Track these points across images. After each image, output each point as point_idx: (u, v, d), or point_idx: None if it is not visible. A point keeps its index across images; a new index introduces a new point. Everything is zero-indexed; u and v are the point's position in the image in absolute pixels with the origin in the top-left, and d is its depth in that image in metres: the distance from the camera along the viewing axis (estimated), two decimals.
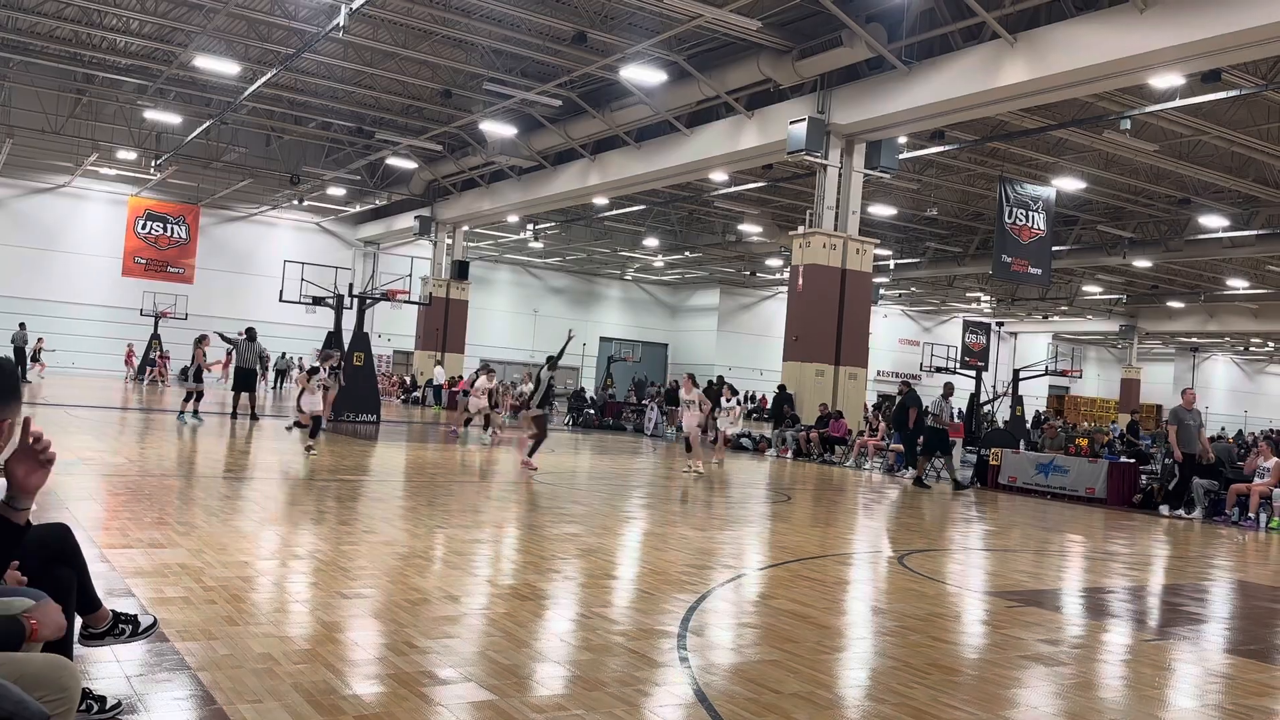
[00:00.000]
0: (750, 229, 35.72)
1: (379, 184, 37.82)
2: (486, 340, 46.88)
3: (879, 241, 24.07)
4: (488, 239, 44.14)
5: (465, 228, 38.62)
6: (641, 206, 34.80)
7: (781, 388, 26.95)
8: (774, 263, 42.30)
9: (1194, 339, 53.71)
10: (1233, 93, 18.07)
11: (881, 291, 42.71)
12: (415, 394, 35.98)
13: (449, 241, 38.08)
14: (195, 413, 18.52)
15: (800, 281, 21.36)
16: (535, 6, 19.64)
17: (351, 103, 28.42)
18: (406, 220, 38.85)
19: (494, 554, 7.90)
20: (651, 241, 40.35)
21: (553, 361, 14.90)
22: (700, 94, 22.42)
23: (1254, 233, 29.12)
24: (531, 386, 15.77)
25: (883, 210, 30.89)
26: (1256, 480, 14.27)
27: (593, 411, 29.76)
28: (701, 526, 9.96)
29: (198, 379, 19.16)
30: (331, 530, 8.12)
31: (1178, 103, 18.57)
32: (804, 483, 16.41)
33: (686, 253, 42.23)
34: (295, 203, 39.51)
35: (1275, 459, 14.80)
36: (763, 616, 6.24)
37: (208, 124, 29.52)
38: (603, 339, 51.33)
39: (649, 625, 5.73)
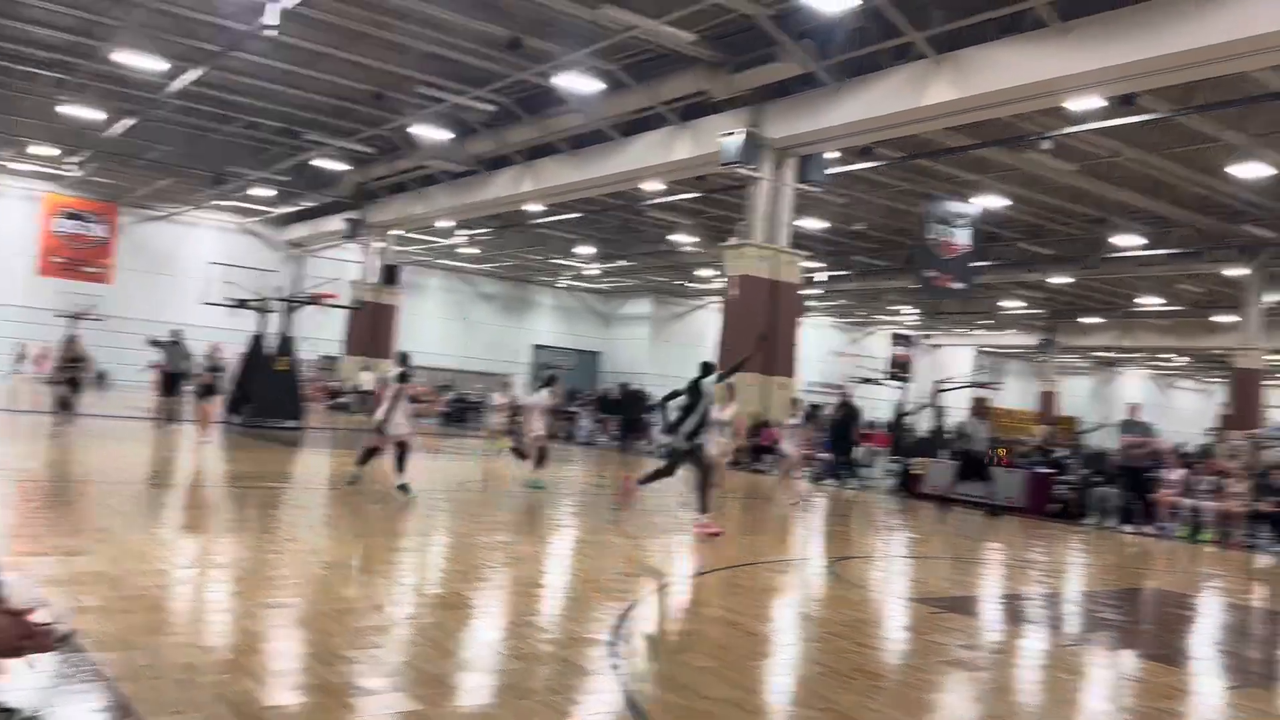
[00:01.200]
0: (684, 239, 35.93)
1: (307, 186, 37.13)
2: (416, 346, 46.13)
3: (809, 254, 24.43)
4: (419, 243, 43.64)
5: (395, 231, 38.15)
6: (576, 214, 34.75)
7: (641, 390, 27.71)
8: (706, 273, 42.60)
9: (1109, 354, 55.49)
10: (1147, 117, 18.74)
11: (810, 303, 43.36)
12: (342, 400, 35.40)
13: (379, 245, 37.58)
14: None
15: (732, 292, 21.56)
16: (470, 11, 19.53)
17: (280, 102, 27.89)
18: (335, 223, 38.20)
19: (421, 562, 7.83)
20: (585, 249, 40.33)
21: (716, 375, 10.95)
22: (636, 104, 22.52)
23: (1166, 252, 30.22)
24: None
25: (813, 223, 31.34)
26: (1164, 491, 14.81)
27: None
28: (633, 534, 9.99)
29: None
30: (254, 538, 7.96)
31: (1096, 125, 19.21)
32: (734, 491, 16.55)
33: (620, 261, 42.31)
34: (220, 203, 38.56)
35: (1182, 470, 15.40)
36: (693, 624, 6.29)
37: (130, 121, 28.70)
38: (535, 346, 51.14)
39: (579, 633, 5.73)
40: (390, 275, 37.14)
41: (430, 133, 26.93)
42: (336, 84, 25.46)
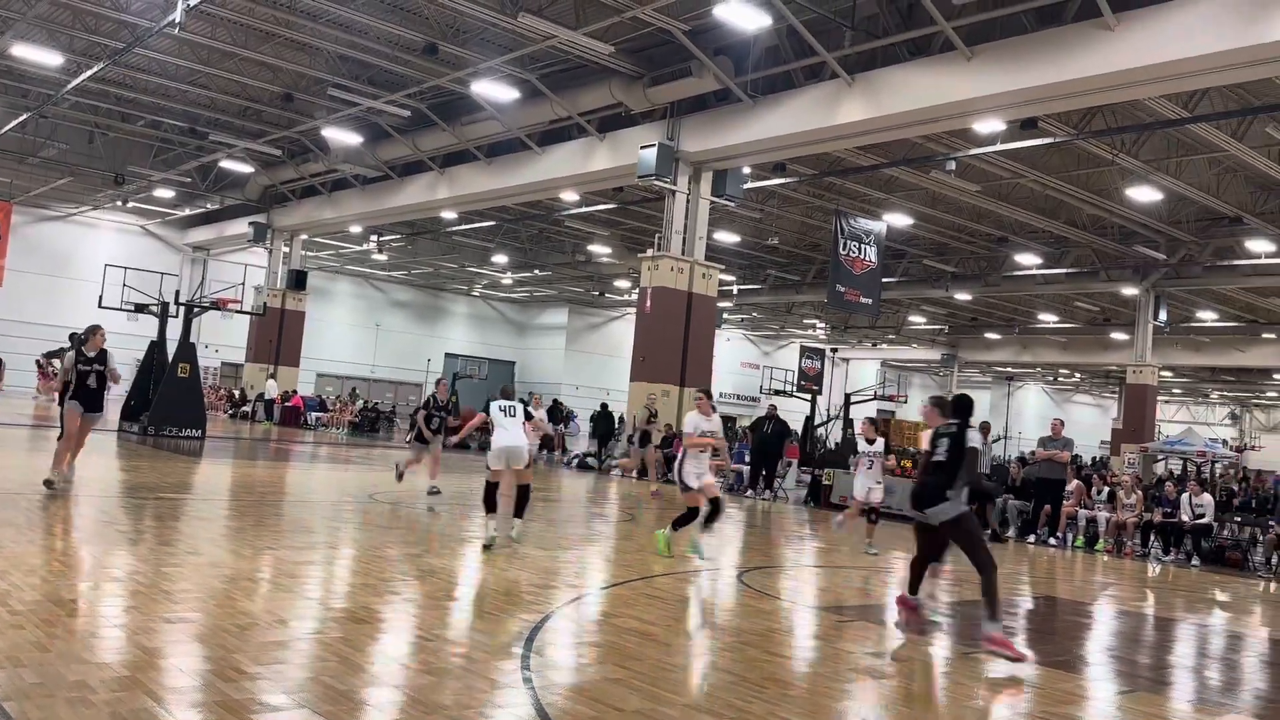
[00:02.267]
0: (600, 250, 35.99)
1: (211, 187, 36.11)
2: (324, 354, 45.33)
3: (724, 267, 24.71)
4: (328, 249, 42.77)
5: (304, 236, 37.32)
6: (491, 222, 34.53)
7: (603, 405, 27.54)
8: (623, 284, 42.72)
9: (1009, 369, 57.38)
10: (1047, 140, 19.49)
11: (725, 316, 43.87)
12: (244, 408, 34.43)
13: (286, 250, 36.69)
14: None
15: (648, 303, 21.66)
16: (385, 15, 19.27)
17: (185, 102, 27.08)
18: (240, 226, 37.18)
19: (328, 576, 7.65)
20: (500, 258, 40.05)
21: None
22: (553, 113, 22.50)
23: (1063, 271, 31.45)
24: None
25: (727, 237, 31.73)
26: (1064, 503, 15.36)
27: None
28: (546, 546, 9.93)
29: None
30: (151, 551, 7.67)
31: (998, 147, 19.90)
32: (648, 502, 16.59)
33: (536, 271, 42.12)
34: (119, 204, 37.20)
35: (1076, 482, 15.99)
36: (606, 635, 6.27)
37: (24, 116, 27.52)
38: (448, 355, 50.51)
39: (491, 646, 5.67)
40: (297, 281, 36.30)
41: (342, 136, 26.47)
42: (244, 84, 24.83)
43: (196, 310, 23.32)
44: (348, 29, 20.37)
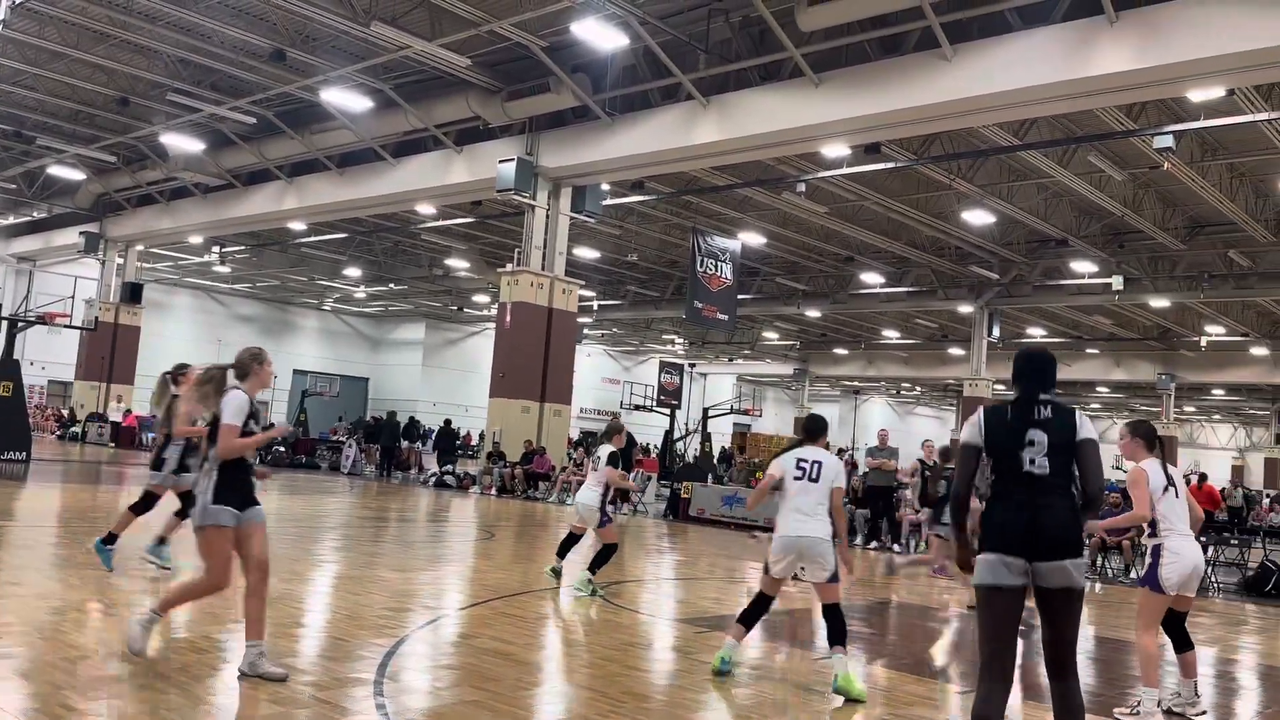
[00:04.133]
0: (458, 264, 35.51)
1: (39, 195, 33.82)
2: (161, 370, 43.02)
3: (584, 283, 24.80)
4: (166, 260, 40.66)
5: (140, 247, 35.37)
6: (343, 234, 33.57)
7: (447, 421, 27.57)
8: (482, 299, 42.25)
9: (856, 383, 59.68)
10: (890, 164, 20.42)
11: (585, 331, 43.97)
12: (74, 429, 32.31)
13: (120, 261, 34.70)
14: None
15: (508, 319, 21.50)
16: (229, 19, 18.54)
17: (9, 104, 25.31)
18: (70, 236, 34.93)
19: None
20: (353, 271, 38.97)
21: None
22: (408, 124, 22.10)
23: (905, 290, 32.97)
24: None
25: (587, 253, 31.86)
26: (903, 510, 16.02)
27: (283, 449, 28.10)
28: (401, 568, 9.69)
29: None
30: None
31: (844, 171, 20.73)
32: (508, 519, 16.43)
33: (391, 285, 41.18)
34: None
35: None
36: (463, 657, 6.17)
37: None
38: (296, 371, 48.71)
39: (342, 674, 5.48)
40: (133, 293, 34.38)
41: (182, 143, 25.29)
42: (76, 87, 23.43)
43: (21, 325, 21.78)
44: (189, 32, 19.50)
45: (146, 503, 8.55)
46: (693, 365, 54.63)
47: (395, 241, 35.87)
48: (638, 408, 40.58)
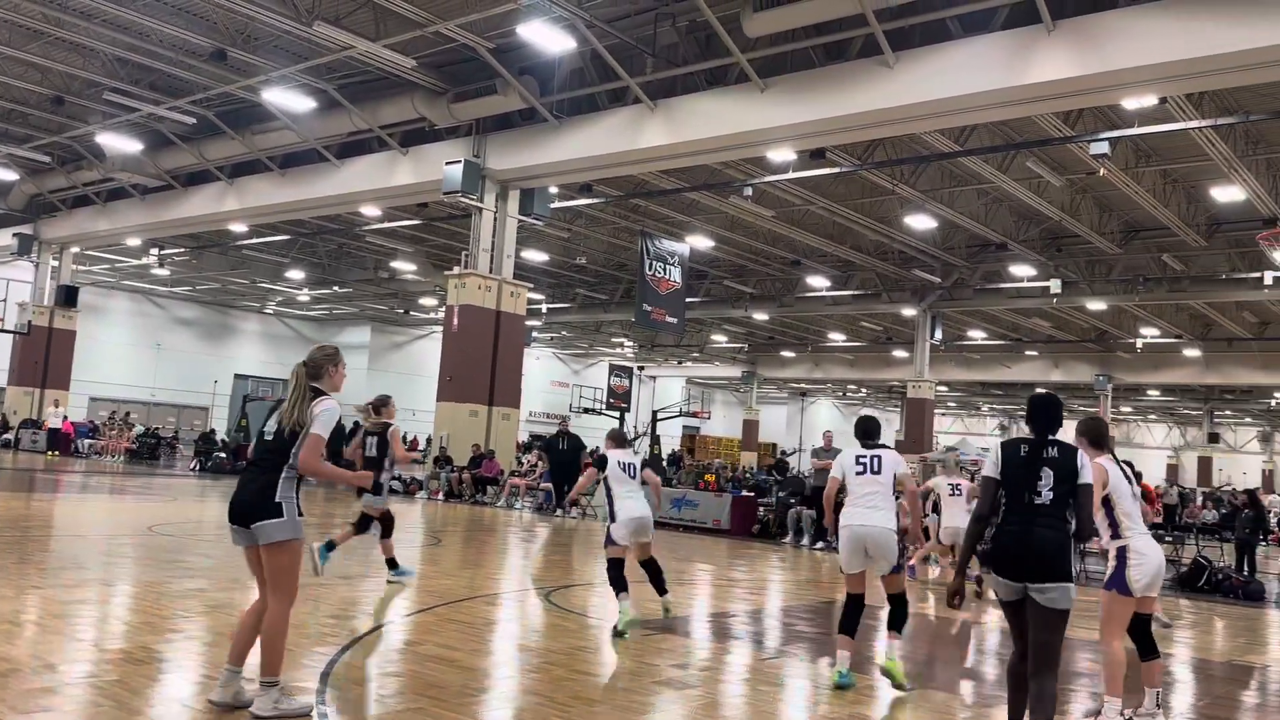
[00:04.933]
0: (404, 266, 35.14)
1: None
2: (98, 375, 41.94)
3: (532, 285, 24.71)
4: (103, 262, 39.68)
5: (76, 249, 34.51)
6: (285, 236, 33.06)
7: (358, 423, 27.49)
8: (428, 301, 41.88)
9: (803, 385, 60.22)
10: (834, 170, 20.66)
11: (534, 334, 43.82)
12: (6, 435, 31.40)
13: (55, 264, 33.82)
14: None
15: (455, 322, 21.34)
16: (168, 18, 18.17)
17: None
18: (3, 238, 33.94)
19: (102, 615, 7.07)
20: (296, 274, 38.37)
21: None
22: (352, 125, 21.84)
23: (850, 293, 33.36)
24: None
25: (536, 255, 31.76)
26: None
27: (224, 455, 27.60)
28: (344, 575, 9.56)
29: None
30: None
31: (790, 175, 20.92)
32: (455, 524, 16.30)
33: (335, 287, 40.62)
34: None
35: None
36: (408, 664, 6.10)
37: None
38: (237, 376, 47.83)
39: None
40: (68, 297, 33.52)
41: (119, 143, 24.73)
42: (8, 85, 22.82)
43: None
44: (126, 30, 19.09)
45: (365, 523, 9.50)
46: (642, 368, 54.73)
47: (339, 244, 35.43)
48: (587, 411, 40.56)
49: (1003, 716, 5.84)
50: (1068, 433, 5.06)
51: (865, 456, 6.31)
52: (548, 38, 16.36)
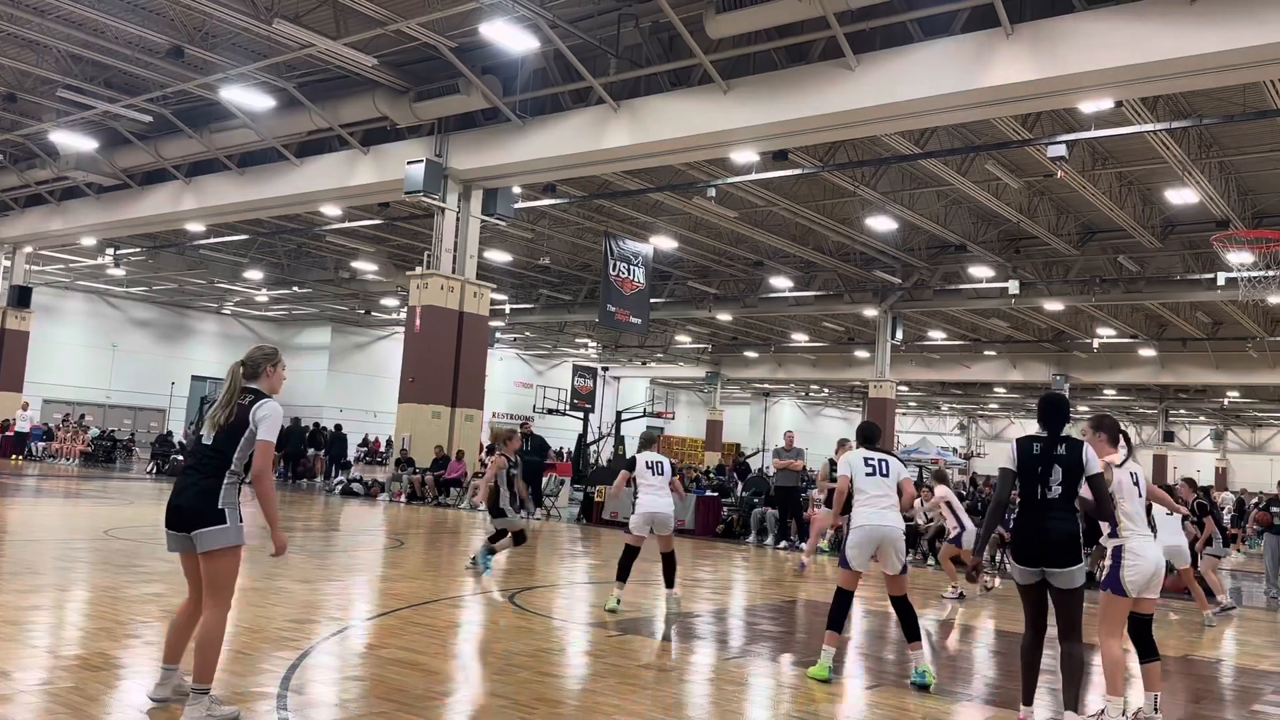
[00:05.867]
0: (365, 267, 34.83)
1: None
2: (52, 378, 41.17)
3: (495, 286, 24.61)
4: (57, 262, 38.94)
5: (29, 249, 33.83)
6: (244, 236, 32.64)
7: (338, 427, 27.89)
8: (390, 302, 41.55)
9: (766, 385, 60.49)
10: (797, 171, 20.78)
11: (497, 335, 43.63)
12: None
13: (7, 264, 33.14)
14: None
15: (417, 323, 21.19)
16: (124, 14, 17.87)
17: None
18: None
19: (57, 621, 6.94)
20: (255, 274, 37.90)
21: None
22: (312, 124, 21.61)
23: (812, 294, 33.57)
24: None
25: (499, 256, 31.63)
26: (812, 510, 16.30)
27: (182, 457, 27.17)
28: (306, 578, 9.46)
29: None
30: None
31: (753, 176, 21.02)
32: (417, 527, 16.19)
33: (295, 288, 40.16)
34: None
35: (828, 490, 17.01)
36: (370, 668, 6.05)
37: None
38: (195, 378, 47.14)
39: (244, 688, 5.33)
40: (21, 298, 32.87)
41: (74, 141, 24.28)
42: None
43: None
44: (81, 26, 18.75)
45: (502, 536, 10.64)
46: (606, 369, 54.66)
47: (299, 243, 35.06)
48: (551, 411, 40.44)
49: (967, 712, 5.95)
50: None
51: (873, 459, 6.74)
52: (510, 37, 16.30)
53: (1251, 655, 9.03)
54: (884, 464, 6.71)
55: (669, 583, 8.94)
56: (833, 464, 13.09)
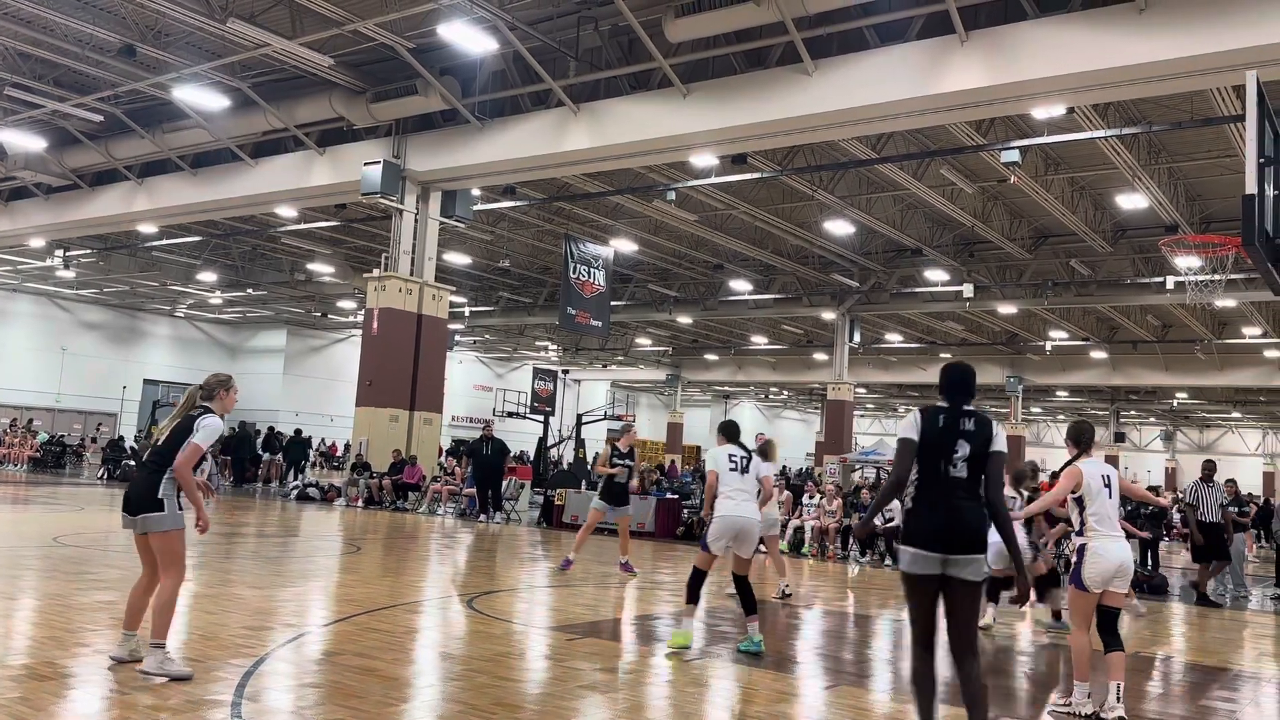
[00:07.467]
0: (322, 269, 34.46)
1: None
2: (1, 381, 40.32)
3: (454, 289, 24.44)
4: (4, 264, 38.12)
5: None
6: (197, 237, 32.15)
7: (297, 431, 27.54)
8: (347, 304, 41.14)
9: (726, 387, 60.77)
10: (756, 175, 20.90)
11: (457, 338, 43.35)
12: None
13: None
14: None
15: (375, 325, 21.00)
16: (74, 12, 17.53)
17: None
18: None
19: (4, 630, 6.78)
20: (208, 276, 37.32)
21: None
22: (267, 124, 21.35)
23: (772, 297, 33.77)
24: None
25: (458, 258, 31.44)
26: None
27: (132, 463, 26.73)
28: (261, 584, 9.34)
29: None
30: None
31: (712, 180, 21.10)
32: (375, 531, 16.04)
33: (249, 290, 39.62)
34: None
35: (786, 493, 17.14)
36: (327, 674, 5.98)
37: None
38: (147, 381, 46.34)
39: (197, 696, 5.24)
40: None
41: (22, 140, 23.79)
42: None
43: None
44: (30, 24, 18.37)
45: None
46: (566, 371, 54.50)
47: (254, 245, 34.61)
48: (511, 415, 40.23)
49: None
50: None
51: (736, 456, 7.47)
52: (469, 38, 16.22)
53: (1202, 651, 9.22)
54: (745, 460, 7.28)
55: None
56: (615, 449, 12.24)
